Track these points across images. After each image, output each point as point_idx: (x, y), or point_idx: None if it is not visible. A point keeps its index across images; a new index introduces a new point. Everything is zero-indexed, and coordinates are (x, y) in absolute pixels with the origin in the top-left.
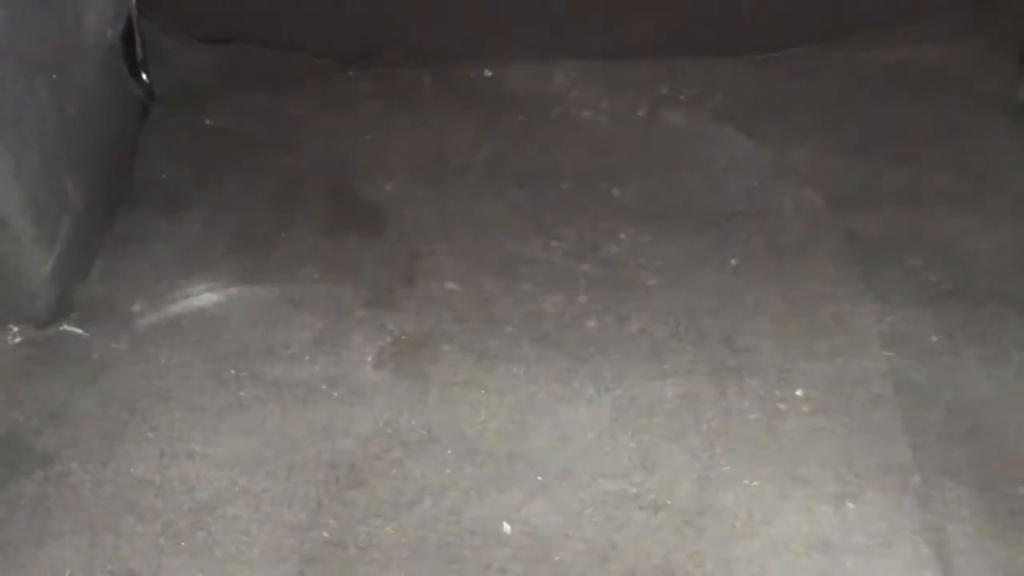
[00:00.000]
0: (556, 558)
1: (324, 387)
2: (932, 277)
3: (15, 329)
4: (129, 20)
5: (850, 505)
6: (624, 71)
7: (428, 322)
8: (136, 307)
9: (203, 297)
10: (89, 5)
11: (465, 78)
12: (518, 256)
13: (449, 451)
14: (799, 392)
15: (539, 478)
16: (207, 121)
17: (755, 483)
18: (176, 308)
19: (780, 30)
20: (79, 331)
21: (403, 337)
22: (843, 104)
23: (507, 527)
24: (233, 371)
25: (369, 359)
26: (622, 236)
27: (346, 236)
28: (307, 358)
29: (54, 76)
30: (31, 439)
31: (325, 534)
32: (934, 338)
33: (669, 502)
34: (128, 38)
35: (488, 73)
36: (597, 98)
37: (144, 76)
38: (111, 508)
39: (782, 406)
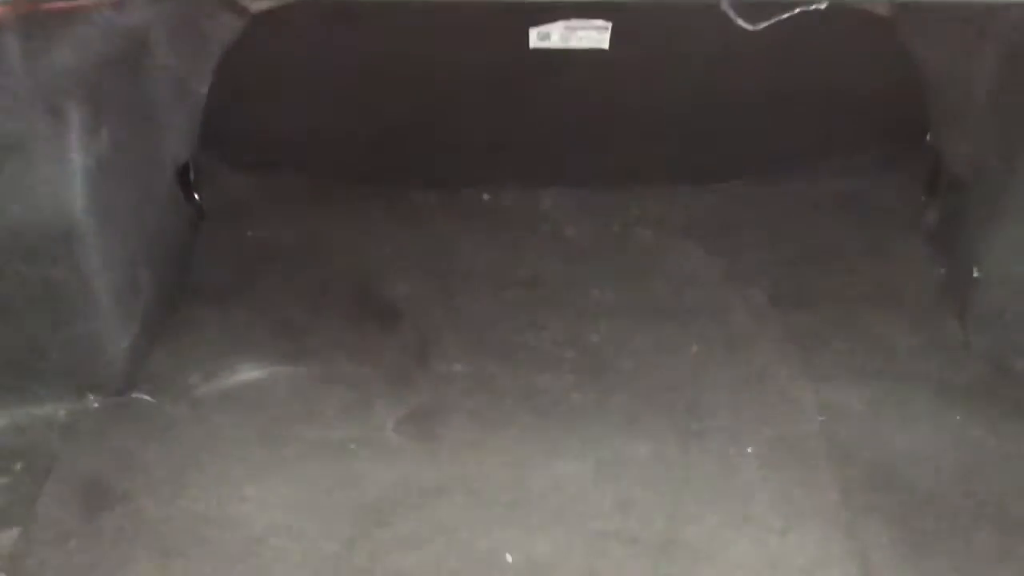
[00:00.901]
0: None
1: (352, 447)
2: (858, 360)
3: (93, 397)
4: None
5: (791, 536)
6: (601, 196)
7: (439, 396)
8: (194, 380)
9: (250, 373)
10: (168, 132)
11: (467, 200)
12: (514, 344)
13: (459, 498)
14: (749, 449)
15: (535, 519)
16: (248, 233)
17: (714, 520)
18: (227, 381)
19: (730, 164)
20: (147, 398)
21: (418, 408)
22: (782, 224)
23: (509, 557)
24: (276, 432)
25: (389, 425)
26: (601, 328)
27: (368, 327)
28: (338, 423)
29: (139, 188)
30: (111, 482)
31: (357, 562)
32: (859, 407)
33: (643, 536)
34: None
35: (486, 196)
36: (578, 218)
37: (196, 195)
38: (179, 538)
39: (735, 461)
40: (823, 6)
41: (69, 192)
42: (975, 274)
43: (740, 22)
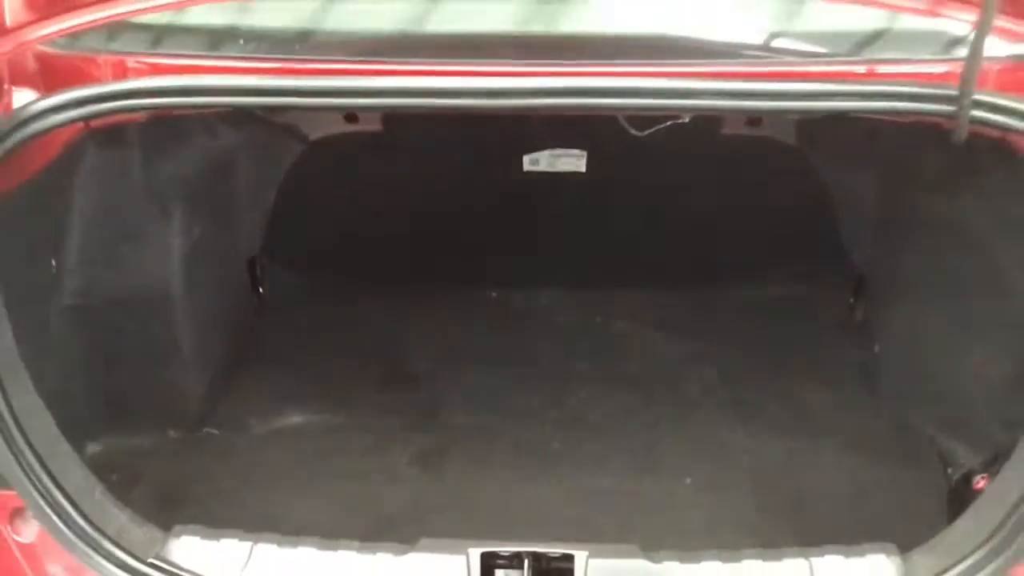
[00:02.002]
0: None
1: (374, 475)
2: (784, 420)
3: (172, 431)
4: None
5: (712, 538)
6: (587, 294)
7: (444, 441)
8: (252, 421)
9: (295, 418)
10: (242, 231)
11: (477, 296)
12: (508, 404)
13: (455, 514)
14: (688, 480)
15: (514, 531)
16: (299, 315)
17: (656, 529)
18: (277, 424)
19: (690, 272)
20: (215, 432)
21: (427, 449)
22: (734, 319)
23: None
24: (314, 462)
25: (404, 460)
26: (579, 394)
27: (391, 389)
28: (362, 458)
29: (218, 271)
30: (183, 491)
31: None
32: (780, 454)
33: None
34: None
35: (493, 294)
36: (568, 311)
37: (259, 287)
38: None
39: (679, 489)
40: (687, 120)
41: (168, 270)
42: (876, 348)
43: (632, 131)
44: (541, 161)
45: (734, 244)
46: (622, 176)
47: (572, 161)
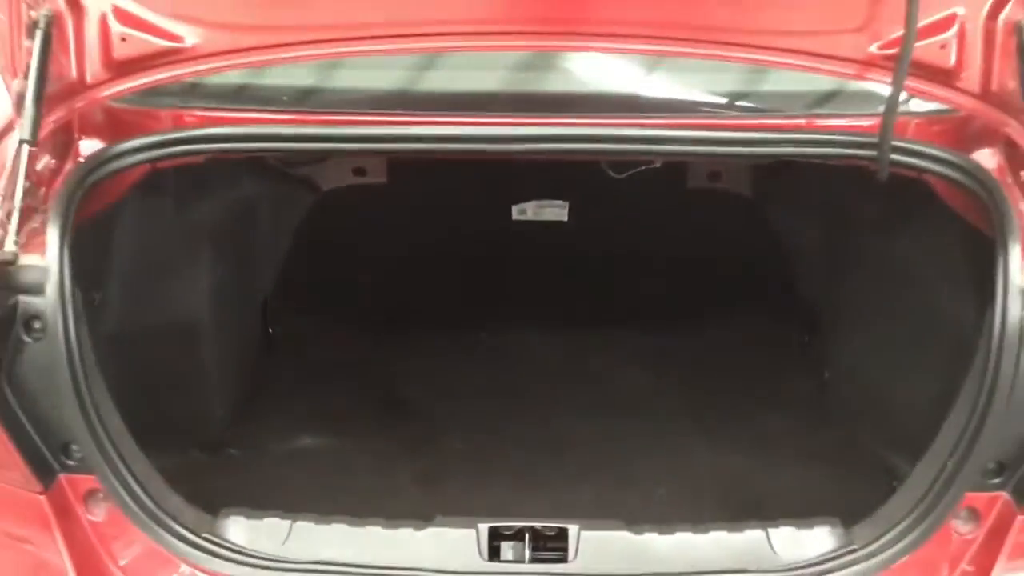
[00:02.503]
0: None
1: (379, 491)
2: (746, 439)
3: (197, 452)
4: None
5: None
6: (569, 333)
7: (442, 461)
8: (270, 443)
9: (308, 441)
10: (259, 273)
11: (470, 336)
12: (499, 430)
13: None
14: (662, 490)
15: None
16: (306, 355)
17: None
18: (292, 446)
19: (660, 312)
20: (235, 452)
21: (426, 468)
22: (703, 354)
23: None
24: (325, 479)
25: (406, 478)
26: (563, 420)
27: (393, 417)
28: (368, 476)
29: (239, 308)
30: (213, 503)
31: None
32: (741, 467)
33: None
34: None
35: (483, 334)
36: (553, 348)
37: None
38: None
39: (654, 498)
40: (658, 165)
41: (196, 305)
42: (826, 375)
43: (611, 173)
44: (528, 211)
45: (700, 287)
46: (600, 226)
47: (556, 211)
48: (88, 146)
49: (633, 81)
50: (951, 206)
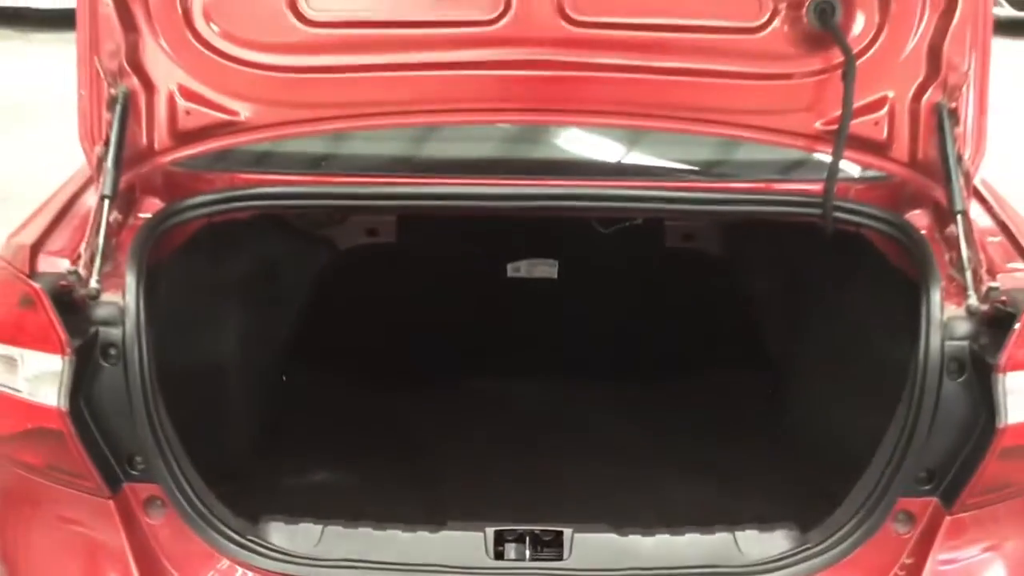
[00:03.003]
0: None
1: (387, 522)
2: (712, 476)
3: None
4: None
5: None
6: (551, 383)
7: (446, 497)
8: (286, 478)
9: (319, 477)
10: (280, 323)
11: (465, 385)
12: (485, 466)
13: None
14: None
15: None
16: (318, 400)
17: None
18: (305, 481)
19: (640, 364)
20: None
21: (427, 497)
22: (672, 403)
23: None
24: (334, 506)
25: (408, 503)
26: (544, 459)
27: (396, 454)
28: (373, 504)
29: (262, 355)
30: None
31: None
32: (710, 494)
33: None
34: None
35: (476, 384)
36: (537, 396)
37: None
38: None
39: (635, 517)
40: (639, 222)
41: (227, 349)
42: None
43: (598, 228)
44: (521, 269)
45: (676, 340)
46: (588, 284)
47: (546, 269)
48: (148, 204)
49: (613, 150)
50: (888, 258)
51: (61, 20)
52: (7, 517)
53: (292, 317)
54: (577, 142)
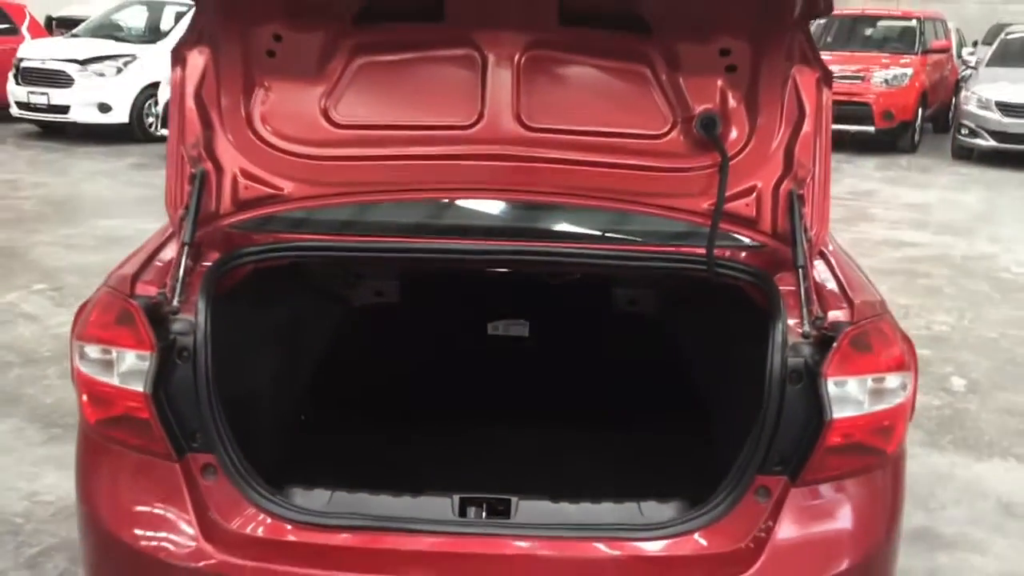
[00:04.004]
0: None
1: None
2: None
3: None
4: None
5: None
6: (532, 428)
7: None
8: (302, 463)
9: (330, 462)
10: (301, 367)
11: (457, 430)
12: (464, 455)
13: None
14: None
15: None
16: (330, 436)
17: None
18: (319, 465)
19: (594, 414)
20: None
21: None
22: (616, 446)
23: None
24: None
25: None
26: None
27: (390, 454)
28: (376, 478)
29: (287, 392)
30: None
31: None
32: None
33: None
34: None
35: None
36: (517, 439)
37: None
38: None
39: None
40: (578, 276)
41: (261, 382)
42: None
43: (548, 280)
44: (500, 327)
45: (628, 390)
46: (555, 342)
47: (519, 328)
48: (210, 255)
49: (557, 220)
50: (756, 302)
51: (98, 135)
52: (97, 476)
53: (311, 363)
54: (530, 214)
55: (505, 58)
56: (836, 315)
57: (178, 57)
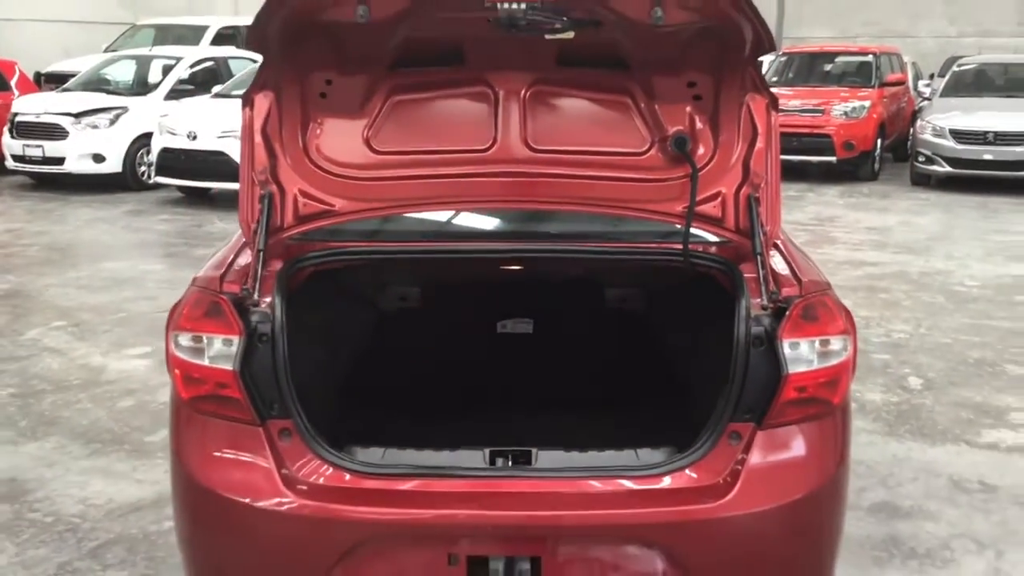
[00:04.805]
0: None
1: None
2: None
3: None
4: None
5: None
6: (520, 420)
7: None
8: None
9: (381, 429)
10: (339, 363)
11: (465, 420)
12: (492, 418)
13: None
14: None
15: None
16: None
17: None
18: (372, 430)
19: (585, 402)
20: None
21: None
22: (606, 435)
23: None
24: (388, 438)
25: None
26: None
27: (430, 421)
28: (419, 439)
29: (324, 386)
30: None
31: None
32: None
33: None
34: None
35: (477, 415)
36: (533, 402)
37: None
38: None
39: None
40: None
41: (320, 361)
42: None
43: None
44: (508, 325)
45: (620, 375)
46: (554, 337)
47: (524, 326)
48: (274, 263)
49: (558, 225)
50: (724, 288)
51: (92, 185)
52: (192, 441)
53: (353, 353)
54: (536, 220)
55: (514, 93)
56: (788, 292)
57: (247, 101)
